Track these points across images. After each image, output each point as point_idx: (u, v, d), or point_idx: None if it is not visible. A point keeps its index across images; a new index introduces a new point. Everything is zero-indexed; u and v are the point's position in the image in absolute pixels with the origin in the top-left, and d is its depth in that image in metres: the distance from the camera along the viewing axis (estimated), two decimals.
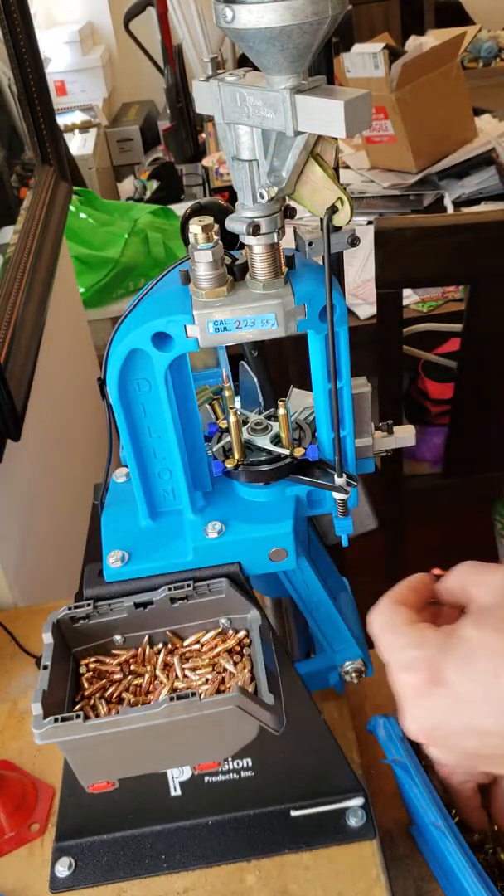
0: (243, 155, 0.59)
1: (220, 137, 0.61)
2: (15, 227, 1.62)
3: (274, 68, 0.55)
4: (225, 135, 0.60)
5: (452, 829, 0.75)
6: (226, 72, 0.59)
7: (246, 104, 0.57)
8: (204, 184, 3.24)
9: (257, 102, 0.56)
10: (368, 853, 0.80)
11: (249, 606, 0.70)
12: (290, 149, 0.57)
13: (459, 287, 1.85)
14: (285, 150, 0.58)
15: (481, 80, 2.98)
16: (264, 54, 0.54)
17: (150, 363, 0.66)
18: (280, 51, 0.54)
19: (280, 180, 0.59)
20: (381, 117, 2.24)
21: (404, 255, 1.43)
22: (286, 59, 0.54)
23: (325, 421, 0.71)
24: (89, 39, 4.24)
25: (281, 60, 0.54)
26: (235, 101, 0.57)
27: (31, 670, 1.05)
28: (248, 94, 0.56)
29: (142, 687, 0.70)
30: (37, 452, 1.42)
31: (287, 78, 0.55)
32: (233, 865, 0.80)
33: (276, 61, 0.54)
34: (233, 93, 0.57)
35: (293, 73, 0.55)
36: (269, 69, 0.55)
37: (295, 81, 0.55)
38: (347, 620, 0.82)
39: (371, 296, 1.55)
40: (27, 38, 1.68)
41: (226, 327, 0.63)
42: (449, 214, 2.12)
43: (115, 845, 0.82)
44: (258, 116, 0.57)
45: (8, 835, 0.86)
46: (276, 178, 0.59)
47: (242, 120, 0.58)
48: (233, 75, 0.59)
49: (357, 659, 0.82)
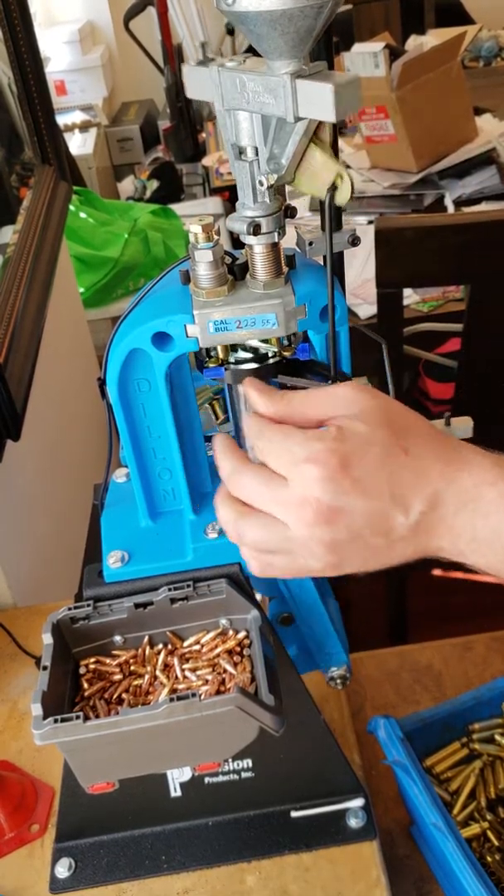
0: (243, 142, 0.59)
1: (220, 125, 0.60)
2: (15, 227, 1.62)
3: (275, 53, 0.54)
4: (224, 122, 0.59)
5: (453, 830, 0.75)
6: (225, 58, 0.59)
7: (246, 90, 0.56)
8: (204, 183, 3.24)
9: (257, 88, 0.55)
10: (369, 854, 0.80)
11: (249, 607, 0.70)
12: (290, 135, 0.57)
13: (459, 287, 1.85)
14: (285, 136, 0.57)
15: (481, 79, 2.98)
16: (265, 38, 0.54)
17: (150, 363, 0.66)
18: (281, 35, 0.53)
19: (280, 167, 0.58)
20: (382, 117, 2.24)
21: (405, 254, 1.43)
22: (287, 44, 0.53)
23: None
24: (89, 39, 4.24)
25: (282, 45, 0.54)
26: (235, 86, 0.56)
27: (30, 671, 1.05)
28: (249, 80, 0.56)
29: (142, 687, 0.70)
30: (36, 453, 1.42)
31: (288, 63, 0.54)
32: (233, 866, 0.80)
33: (276, 45, 0.54)
34: (233, 78, 0.56)
35: (294, 58, 0.54)
36: (270, 54, 0.55)
37: (296, 66, 0.54)
38: (335, 625, 0.81)
39: (371, 295, 1.55)
40: (27, 38, 1.68)
41: (226, 327, 0.63)
42: (449, 214, 2.12)
43: (115, 846, 0.81)
44: (258, 102, 0.56)
45: (8, 835, 0.86)
46: (275, 166, 0.58)
47: (242, 106, 0.57)
48: (233, 61, 0.58)
49: (342, 665, 0.82)
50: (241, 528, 0.59)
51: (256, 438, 0.59)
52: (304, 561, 0.58)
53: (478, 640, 1.07)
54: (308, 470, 0.55)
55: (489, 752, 0.89)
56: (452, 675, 1.03)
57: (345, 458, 0.55)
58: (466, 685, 0.98)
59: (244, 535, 0.60)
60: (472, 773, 0.88)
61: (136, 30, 3.65)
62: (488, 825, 0.85)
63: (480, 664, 1.04)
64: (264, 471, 0.58)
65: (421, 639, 1.14)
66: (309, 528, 0.56)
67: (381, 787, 0.90)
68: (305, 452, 0.55)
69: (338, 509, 0.55)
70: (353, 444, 0.55)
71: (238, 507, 0.60)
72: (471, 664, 1.04)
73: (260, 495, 0.58)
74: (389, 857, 0.83)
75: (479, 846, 0.84)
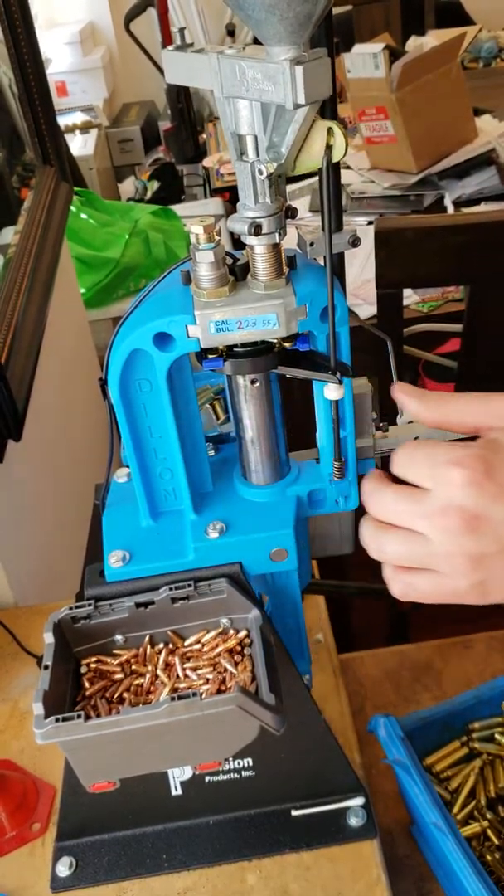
0: (242, 130, 0.58)
1: (220, 113, 0.60)
2: (16, 228, 1.62)
3: (273, 38, 0.54)
4: (224, 110, 0.59)
5: (453, 829, 0.75)
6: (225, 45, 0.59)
7: (245, 77, 0.55)
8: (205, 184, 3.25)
9: (257, 75, 0.55)
10: (369, 853, 0.80)
11: (250, 606, 0.70)
12: (289, 123, 0.56)
13: (459, 287, 1.85)
14: (285, 124, 0.57)
15: (481, 80, 2.98)
16: (263, 24, 0.53)
17: (151, 363, 0.66)
18: (280, 20, 0.52)
19: (279, 156, 0.58)
20: (382, 118, 2.24)
21: (405, 255, 1.43)
22: (286, 29, 0.53)
23: (325, 421, 0.71)
24: (90, 40, 4.24)
25: (280, 30, 0.53)
26: (235, 73, 0.56)
27: (32, 670, 1.05)
28: (248, 67, 0.55)
29: (143, 687, 0.70)
30: (38, 453, 1.42)
31: (287, 49, 0.54)
32: (233, 865, 0.80)
33: (275, 31, 0.53)
34: (232, 65, 0.56)
35: (293, 45, 0.54)
36: (269, 40, 0.54)
37: (295, 53, 0.54)
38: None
39: (371, 296, 1.55)
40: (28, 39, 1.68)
41: (227, 327, 0.63)
42: (449, 215, 2.12)
43: (116, 845, 0.82)
44: (258, 89, 0.55)
45: (9, 834, 0.86)
46: (275, 154, 0.58)
47: (241, 94, 0.56)
48: (232, 48, 0.57)
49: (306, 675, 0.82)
50: (382, 541, 0.57)
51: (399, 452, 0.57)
52: (450, 580, 0.55)
53: (478, 639, 1.08)
54: (451, 473, 0.53)
55: (489, 751, 0.90)
56: (452, 674, 1.04)
57: (491, 465, 0.53)
58: (466, 684, 0.98)
59: (384, 549, 0.57)
60: (472, 771, 0.88)
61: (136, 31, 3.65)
62: (488, 824, 0.85)
63: (480, 663, 1.04)
64: (405, 487, 0.56)
65: (421, 638, 1.14)
66: (452, 537, 0.53)
67: (382, 786, 0.91)
68: (449, 457, 0.54)
69: (483, 517, 0.53)
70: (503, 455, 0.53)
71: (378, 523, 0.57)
72: (471, 663, 1.05)
73: (400, 510, 0.56)
74: (390, 856, 0.83)
75: (478, 845, 0.85)
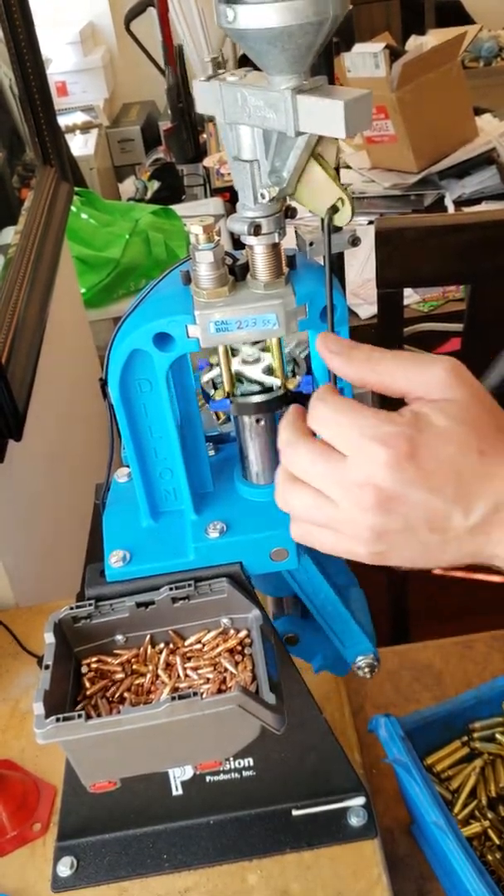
0: (244, 155, 0.59)
1: (222, 138, 0.61)
2: (16, 228, 1.62)
3: (275, 68, 0.55)
4: (226, 135, 0.60)
5: (454, 829, 0.75)
6: (227, 72, 0.59)
7: (247, 104, 0.57)
8: (205, 184, 3.25)
9: (258, 102, 0.56)
10: (369, 852, 0.80)
11: (251, 606, 0.70)
12: (290, 149, 0.58)
13: (460, 287, 1.85)
14: (286, 150, 0.58)
15: (482, 79, 2.98)
16: (265, 55, 0.54)
17: (151, 363, 0.66)
18: (281, 51, 0.54)
19: (281, 181, 0.59)
20: (382, 117, 2.24)
21: (405, 254, 1.43)
22: (287, 60, 0.54)
23: None
24: (90, 40, 4.24)
25: (282, 61, 0.54)
26: (237, 101, 0.57)
27: (32, 670, 1.05)
28: (250, 95, 0.56)
29: (143, 686, 0.70)
30: (38, 452, 1.42)
31: (288, 78, 0.55)
32: (234, 865, 0.80)
33: (277, 62, 0.54)
34: (234, 93, 0.57)
35: (294, 74, 0.55)
36: (271, 69, 0.55)
37: (296, 82, 0.55)
38: (357, 615, 0.81)
39: (372, 296, 1.55)
40: (28, 39, 1.68)
41: (227, 327, 0.63)
42: (449, 214, 2.13)
43: (116, 845, 0.82)
44: (259, 117, 0.56)
45: (10, 834, 0.86)
46: (277, 179, 0.59)
47: (243, 120, 0.58)
48: (234, 75, 0.58)
49: (369, 654, 0.82)
50: (291, 495, 0.57)
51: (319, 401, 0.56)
52: (349, 544, 0.56)
53: (478, 638, 1.07)
54: (375, 450, 0.52)
55: (490, 751, 0.89)
56: (453, 674, 1.03)
57: (415, 448, 0.52)
58: (467, 684, 0.98)
59: (290, 501, 0.57)
60: (473, 771, 0.88)
61: (137, 31, 3.66)
62: (489, 824, 0.85)
63: (481, 663, 1.04)
64: (322, 445, 0.55)
65: (421, 637, 1.14)
66: (362, 511, 0.53)
67: (382, 786, 0.90)
68: (375, 432, 0.53)
69: (398, 497, 0.53)
70: (428, 437, 0.53)
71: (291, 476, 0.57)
72: (471, 663, 1.05)
73: (316, 472, 0.55)
74: (390, 856, 0.83)
75: (479, 845, 0.84)
